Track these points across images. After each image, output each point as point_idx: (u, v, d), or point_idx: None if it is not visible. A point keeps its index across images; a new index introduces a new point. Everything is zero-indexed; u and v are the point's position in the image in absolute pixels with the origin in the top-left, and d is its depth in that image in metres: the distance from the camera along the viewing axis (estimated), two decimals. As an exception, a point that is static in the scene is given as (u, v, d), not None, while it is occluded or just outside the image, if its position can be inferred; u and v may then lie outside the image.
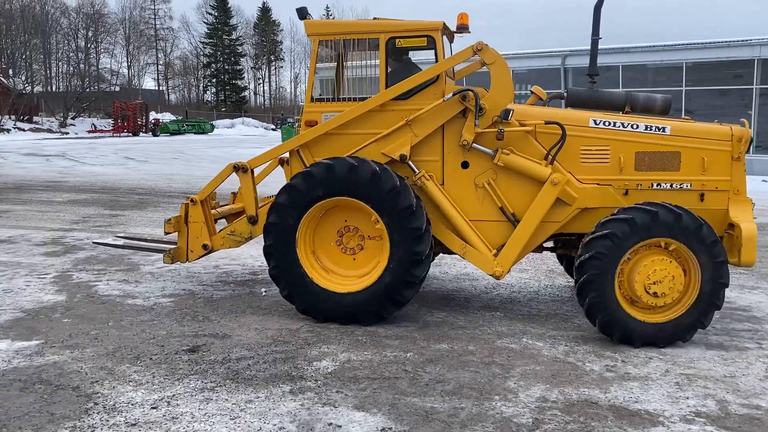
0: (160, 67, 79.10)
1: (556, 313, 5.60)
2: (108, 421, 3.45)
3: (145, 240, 6.65)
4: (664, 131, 5.13)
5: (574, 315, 5.51)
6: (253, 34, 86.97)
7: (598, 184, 5.15)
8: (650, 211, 4.65)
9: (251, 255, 7.62)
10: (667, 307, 4.77)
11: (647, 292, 4.69)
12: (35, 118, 50.24)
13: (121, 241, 6.48)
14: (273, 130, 63.43)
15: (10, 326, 4.94)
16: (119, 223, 9.73)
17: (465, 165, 5.30)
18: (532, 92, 5.74)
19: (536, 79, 25.76)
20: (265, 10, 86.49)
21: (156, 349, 4.51)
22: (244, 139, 48.05)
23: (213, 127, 55.46)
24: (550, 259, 7.86)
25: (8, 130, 43.24)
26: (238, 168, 5.61)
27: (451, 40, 5.88)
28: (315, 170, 5.08)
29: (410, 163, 5.28)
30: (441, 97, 5.19)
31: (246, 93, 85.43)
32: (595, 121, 5.21)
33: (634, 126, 5.16)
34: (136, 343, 4.62)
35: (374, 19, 5.74)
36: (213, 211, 6.04)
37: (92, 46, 67.52)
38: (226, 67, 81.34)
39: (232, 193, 6.26)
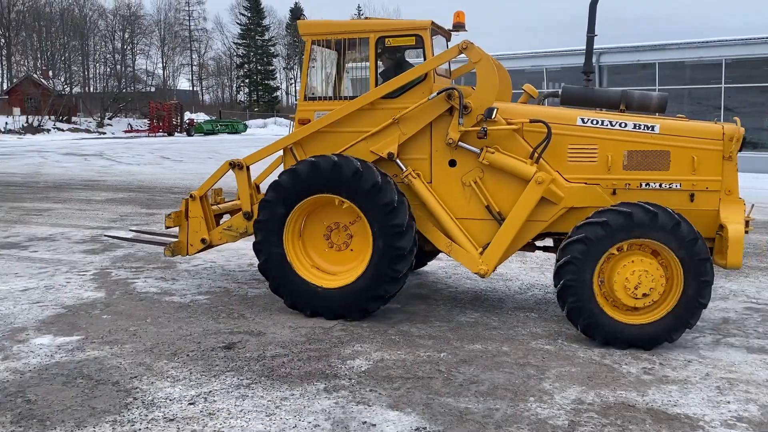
0: (194, 67, 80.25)
1: (591, 315, 5.52)
2: (147, 416, 3.51)
3: (155, 234, 6.74)
4: (653, 130, 5.03)
5: (610, 316, 5.43)
6: (285, 34, 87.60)
7: (586, 184, 5.08)
8: (624, 213, 4.57)
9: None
10: (649, 308, 4.68)
11: (627, 294, 4.62)
12: (74, 119, 51.45)
13: (131, 234, 6.65)
14: (304, 129, 63.64)
15: (52, 322, 5.07)
16: (156, 221, 9.90)
17: (452, 163, 5.31)
18: (523, 90, 5.72)
19: (570, 77, 25.47)
20: (297, 11, 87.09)
21: (193, 346, 4.58)
22: (276, 138, 48.47)
23: (246, 126, 56.05)
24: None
25: (48, 130, 44.37)
26: (234, 165, 5.74)
27: (448, 39, 5.90)
28: (300, 168, 5.18)
29: (398, 161, 5.32)
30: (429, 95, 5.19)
31: (278, 93, 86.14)
32: (582, 120, 5.14)
33: (623, 124, 5.08)
34: (174, 340, 4.70)
35: (366, 18, 5.73)
36: (215, 207, 6.21)
37: (128, 47, 68.85)
38: (259, 67, 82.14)
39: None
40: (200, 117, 57.09)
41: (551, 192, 5.04)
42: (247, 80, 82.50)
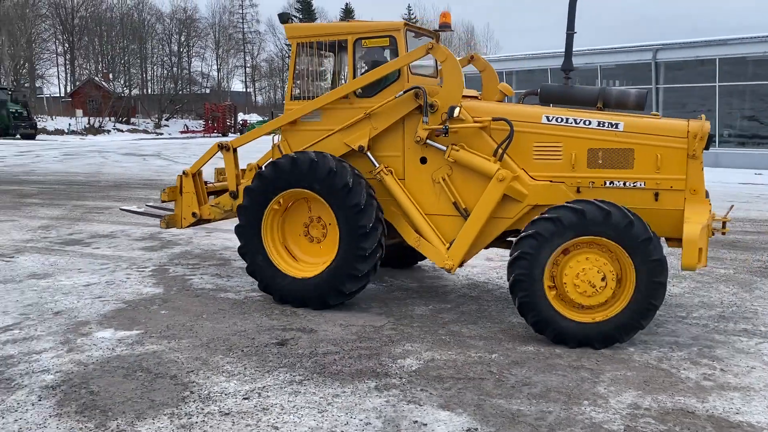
0: (247, 69, 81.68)
1: (648, 318, 5.38)
2: (203, 409, 3.60)
3: (166, 209, 7.04)
4: (616, 128, 4.96)
5: (667, 320, 5.29)
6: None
7: (551, 182, 5.06)
8: (577, 210, 4.53)
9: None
10: (601, 306, 4.62)
11: (578, 292, 4.60)
12: (132, 120, 53.20)
13: (143, 208, 7.17)
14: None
15: (113, 316, 5.25)
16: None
17: (423, 160, 5.44)
18: (499, 90, 5.86)
19: (625, 75, 24.85)
20: (347, 11, 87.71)
21: (247, 342, 4.67)
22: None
23: (299, 126, 56.64)
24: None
25: (108, 131, 46.01)
26: (222, 147, 6.15)
27: (437, 39, 5.95)
28: (282, 162, 5.43)
29: (369, 154, 5.52)
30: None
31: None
32: (547, 118, 5.13)
33: (587, 122, 5.04)
34: (228, 335, 4.81)
35: (348, 21, 6.12)
36: (210, 185, 6.64)
37: (184, 50, 70.61)
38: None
39: (241, 169, 6.64)
40: (253, 117, 58.12)
41: (514, 189, 5.09)
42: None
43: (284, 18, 6.15)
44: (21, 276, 6.49)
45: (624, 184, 4.92)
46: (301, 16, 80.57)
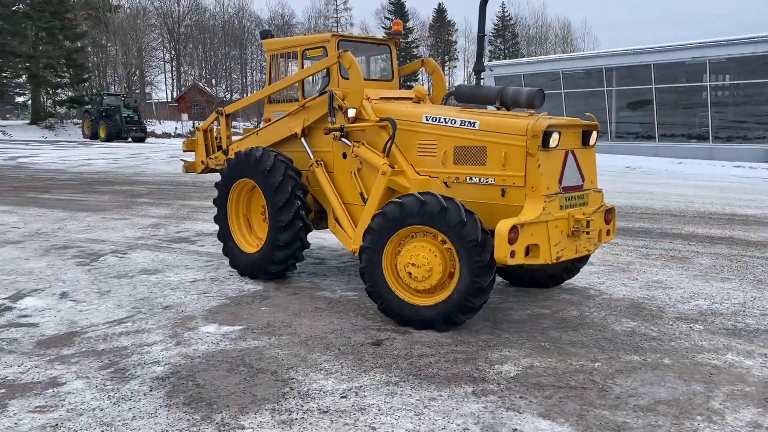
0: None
1: (767, 329, 5.00)
2: (302, 406, 3.67)
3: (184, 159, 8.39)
4: (473, 126, 5.25)
5: (791, 333, 4.88)
6: (428, 35, 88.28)
7: (429, 176, 5.50)
8: (398, 203, 4.93)
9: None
10: (433, 290, 4.92)
11: (411, 277, 4.93)
12: (234, 123, 55.49)
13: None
14: (446, 129, 63.87)
15: (217, 311, 5.46)
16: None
17: (344, 156, 6.13)
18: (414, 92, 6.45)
19: (737, 69, 23.30)
20: (440, 11, 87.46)
21: (343, 341, 4.73)
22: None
23: (389, 127, 57.13)
24: (758, 267, 7.08)
25: (211, 134, 48.18)
26: (219, 113, 7.42)
27: (396, 45, 6.75)
28: (238, 155, 6.47)
29: (303, 141, 6.40)
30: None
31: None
32: (426, 117, 5.55)
33: (453, 121, 5.37)
34: (325, 333, 4.88)
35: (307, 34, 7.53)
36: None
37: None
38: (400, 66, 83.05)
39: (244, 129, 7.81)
40: (346, 119, 59.10)
41: (396, 183, 5.60)
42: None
43: (263, 35, 7.11)
44: (133, 271, 6.89)
45: (479, 180, 5.22)
46: (393, 18, 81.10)
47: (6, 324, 5.16)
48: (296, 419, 3.51)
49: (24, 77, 51.47)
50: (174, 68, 73.41)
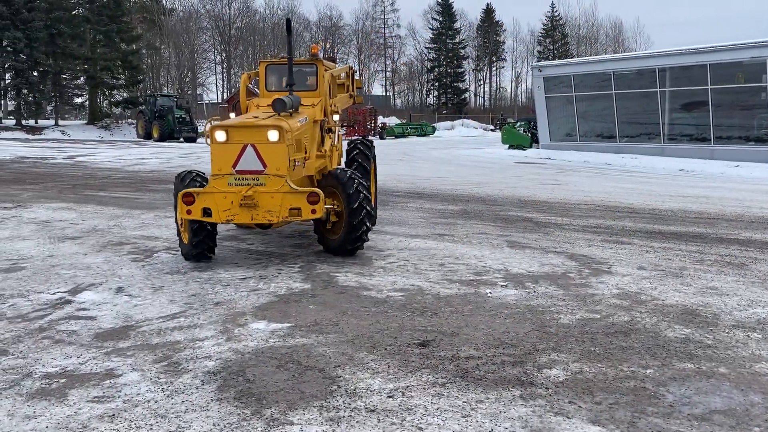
0: (387, 73, 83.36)
1: (830, 340, 4.80)
2: (350, 404, 3.70)
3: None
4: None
5: None
6: (476, 36, 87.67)
7: None
8: None
9: (474, 255, 7.69)
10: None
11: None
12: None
13: None
14: (492, 130, 63.43)
15: (266, 308, 5.56)
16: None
17: None
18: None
19: (799, 68, 22.30)
20: (488, 11, 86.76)
21: (390, 340, 4.75)
22: (464, 140, 48.77)
23: (434, 129, 57.07)
24: (820, 276, 6.80)
25: (259, 135, 48.96)
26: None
27: (321, 63, 8.63)
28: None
29: None
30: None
31: (466, 95, 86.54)
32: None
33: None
34: (372, 333, 4.91)
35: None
36: None
37: (329, 56, 73.19)
38: (449, 70, 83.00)
39: None
40: (392, 120, 59.26)
41: None
42: (436, 83, 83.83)
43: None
44: (186, 268, 7.06)
45: None
46: (441, 18, 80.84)
47: (66, 317, 5.36)
48: (344, 417, 3.54)
49: (82, 79, 53.38)
50: (224, 70, 74.84)
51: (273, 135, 6.71)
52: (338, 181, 7.22)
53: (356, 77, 10.95)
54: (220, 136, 6.70)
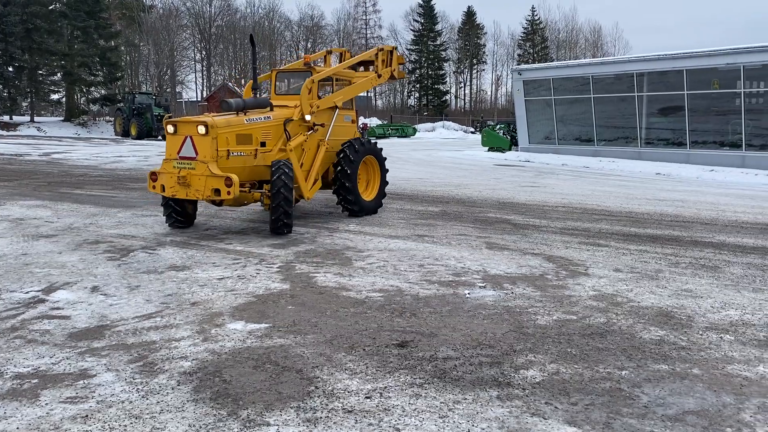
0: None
1: (800, 342, 4.90)
2: (327, 405, 3.69)
3: None
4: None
5: (825, 346, 4.77)
6: (457, 38, 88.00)
7: None
8: None
9: (453, 256, 7.72)
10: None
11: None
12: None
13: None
14: (472, 133, 63.74)
15: (244, 309, 5.52)
16: (337, 220, 10.41)
17: None
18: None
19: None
20: (470, 14, 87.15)
21: (368, 341, 4.74)
22: (444, 142, 48.90)
23: (415, 130, 57.20)
24: (791, 279, 6.93)
25: (239, 134, 48.64)
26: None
27: (314, 71, 10.25)
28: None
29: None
30: None
31: (447, 97, 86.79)
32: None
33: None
34: (351, 334, 4.90)
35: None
36: None
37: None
38: (430, 72, 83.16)
39: None
40: (373, 121, 59.27)
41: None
42: (417, 85, 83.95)
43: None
44: (162, 267, 6.99)
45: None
46: (422, 20, 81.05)
47: (39, 316, 5.28)
48: (321, 418, 3.53)
49: (59, 75, 52.60)
50: (204, 68, 74.26)
51: (201, 129, 8.39)
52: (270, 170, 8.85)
53: (396, 54, 12.63)
54: (170, 128, 8.61)
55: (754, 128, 23.61)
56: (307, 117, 9.88)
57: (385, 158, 11.47)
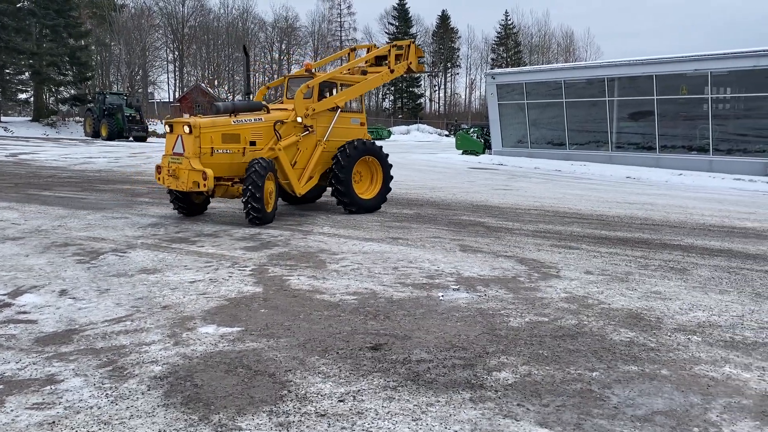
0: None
1: (765, 342, 5.01)
2: (300, 409, 3.67)
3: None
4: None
5: (788, 346, 4.89)
6: (432, 41, 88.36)
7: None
8: None
9: (427, 259, 7.74)
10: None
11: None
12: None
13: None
14: (447, 136, 64.06)
15: (216, 312, 5.46)
16: (312, 223, 10.36)
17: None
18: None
19: (738, 82, 23.30)
20: (444, 18, 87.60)
21: (342, 344, 4.73)
22: (419, 145, 49.07)
23: (390, 133, 57.32)
24: (757, 280, 7.09)
25: (212, 135, 48.17)
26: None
27: (313, 77, 11.35)
28: None
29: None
30: None
31: (422, 100, 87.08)
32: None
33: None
34: (324, 337, 4.88)
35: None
36: None
37: (285, 57, 72.83)
38: (404, 75, 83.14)
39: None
40: (347, 123, 59.11)
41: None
42: (392, 88, 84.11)
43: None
44: (133, 270, 6.89)
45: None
46: (397, 23, 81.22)
47: (4, 320, 5.16)
48: (293, 422, 3.51)
49: (27, 74, 51.51)
50: (177, 68, 73.46)
51: (186, 129, 9.55)
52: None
53: (414, 47, 13.22)
54: (168, 128, 9.90)
55: (720, 133, 24.14)
56: (299, 119, 10.85)
57: (387, 154, 12.17)
